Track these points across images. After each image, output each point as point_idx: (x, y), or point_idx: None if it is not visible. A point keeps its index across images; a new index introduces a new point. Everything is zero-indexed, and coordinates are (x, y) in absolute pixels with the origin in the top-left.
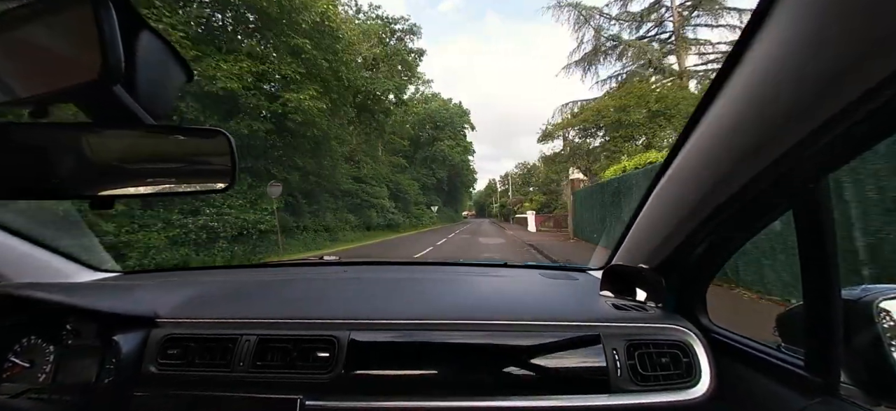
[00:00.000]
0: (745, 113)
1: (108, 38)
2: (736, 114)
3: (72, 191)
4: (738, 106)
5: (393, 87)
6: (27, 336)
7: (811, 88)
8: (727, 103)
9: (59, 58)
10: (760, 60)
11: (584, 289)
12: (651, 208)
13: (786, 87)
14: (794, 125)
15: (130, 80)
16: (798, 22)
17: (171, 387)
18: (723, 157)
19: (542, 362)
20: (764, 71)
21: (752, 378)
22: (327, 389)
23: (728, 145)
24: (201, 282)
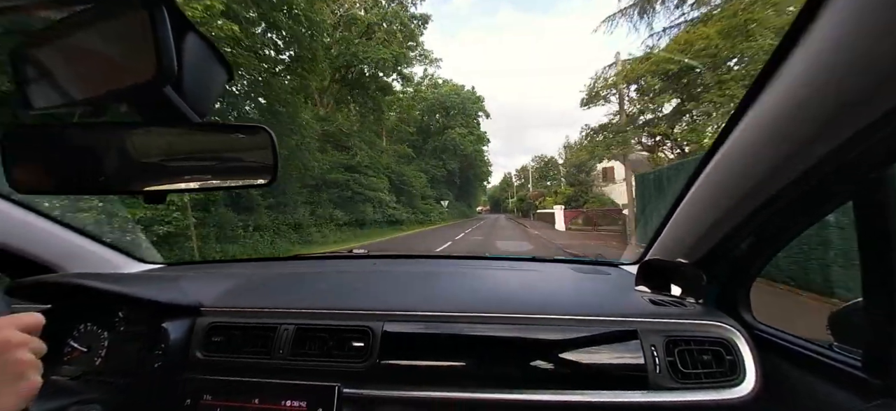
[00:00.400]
0: (802, 97)
1: (162, 41)
2: (792, 98)
3: (126, 187)
4: (794, 90)
5: (391, 58)
6: (84, 323)
7: (877, 71)
8: (783, 87)
9: (116, 61)
10: (819, 42)
11: (618, 284)
12: (693, 200)
13: (848, 70)
14: (858, 110)
15: (178, 80)
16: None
17: (216, 372)
18: (777, 145)
19: (575, 357)
20: (823, 53)
21: (802, 377)
22: (363, 378)
23: (783, 132)
24: (239, 273)
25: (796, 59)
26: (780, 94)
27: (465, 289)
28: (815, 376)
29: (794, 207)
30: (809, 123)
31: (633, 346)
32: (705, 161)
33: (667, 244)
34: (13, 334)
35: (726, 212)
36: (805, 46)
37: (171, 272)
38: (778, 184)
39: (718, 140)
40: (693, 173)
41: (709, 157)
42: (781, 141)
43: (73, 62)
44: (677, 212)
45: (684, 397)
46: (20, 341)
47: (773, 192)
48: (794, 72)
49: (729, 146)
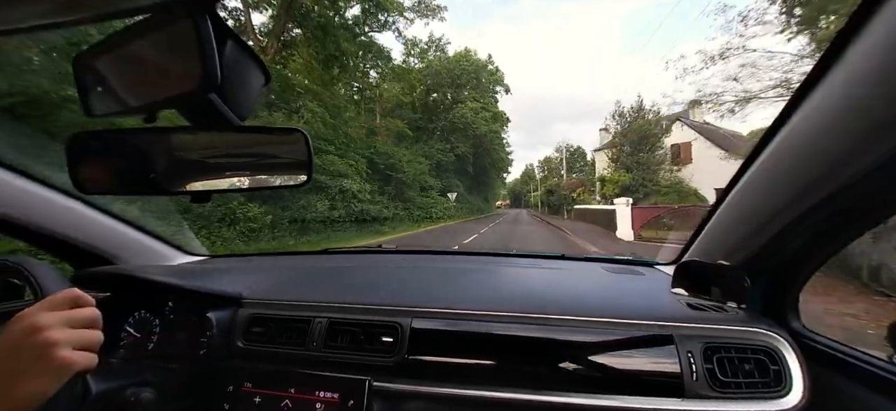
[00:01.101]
0: (866, 87)
1: (207, 51)
2: (855, 87)
3: (176, 187)
4: (858, 77)
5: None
6: (138, 310)
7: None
8: (845, 74)
9: (166, 69)
10: (887, 25)
11: (653, 285)
12: (738, 198)
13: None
14: None
15: (221, 85)
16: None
17: (255, 361)
18: (838, 138)
19: (606, 360)
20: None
21: (855, 392)
22: (392, 372)
23: (845, 124)
24: (276, 266)
25: (862, 44)
26: (842, 83)
27: (493, 286)
28: (871, 392)
29: (857, 206)
30: (874, 114)
31: (668, 352)
32: (753, 157)
33: (707, 245)
34: (40, 317)
35: (776, 210)
36: (871, 30)
37: (213, 264)
38: (838, 181)
39: (769, 133)
40: (739, 169)
41: (757, 152)
42: (843, 133)
43: (127, 71)
44: (720, 211)
45: (723, 407)
46: (47, 323)
47: (833, 190)
48: (858, 57)
49: (782, 140)
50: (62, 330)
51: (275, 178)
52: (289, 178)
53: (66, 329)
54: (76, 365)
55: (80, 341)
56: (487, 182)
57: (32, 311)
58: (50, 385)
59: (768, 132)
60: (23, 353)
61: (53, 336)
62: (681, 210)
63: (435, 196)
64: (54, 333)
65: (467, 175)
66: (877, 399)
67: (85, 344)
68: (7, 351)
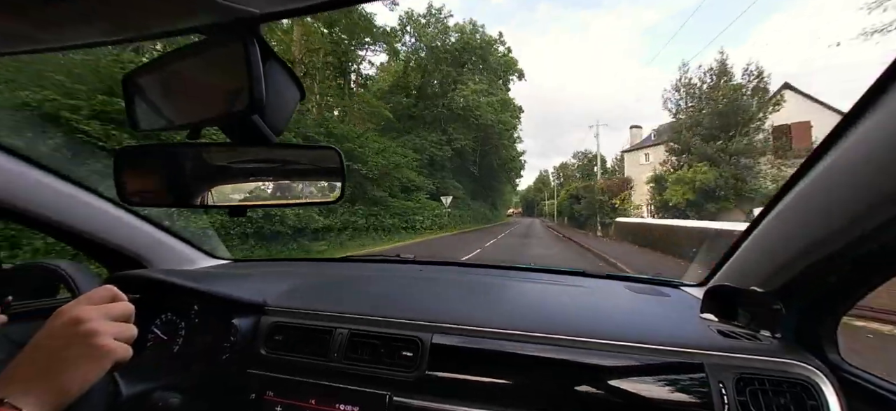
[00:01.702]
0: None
1: (254, 73)
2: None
3: (216, 200)
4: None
5: None
6: (165, 312)
7: None
8: (892, 111)
9: (214, 90)
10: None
11: (680, 308)
12: (776, 222)
13: None
14: None
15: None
16: None
17: (277, 370)
18: (884, 174)
19: (630, 387)
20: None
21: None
22: (411, 388)
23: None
24: (298, 273)
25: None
26: (891, 119)
27: (513, 303)
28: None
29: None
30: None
31: (697, 381)
32: (792, 182)
33: (738, 268)
34: (83, 310)
35: (819, 239)
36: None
37: (236, 269)
38: (884, 216)
39: (813, 158)
40: (778, 193)
41: (797, 178)
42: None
43: (176, 90)
44: (754, 234)
45: None
46: (88, 315)
47: (879, 225)
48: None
49: (830, 164)
50: (102, 322)
51: (308, 194)
52: (322, 194)
53: (106, 321)
54: (116, 353)
55: (118, 333)
56: (495, 186)
57: (73, 305)
58: (93, 372)
59: (812, 157)
60: (68, 343)
61: (95, 326)
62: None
63: (422, 199)
64: (96, 324)
65: (469, 176)
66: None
67: (122, 337)
68: (52, 343)
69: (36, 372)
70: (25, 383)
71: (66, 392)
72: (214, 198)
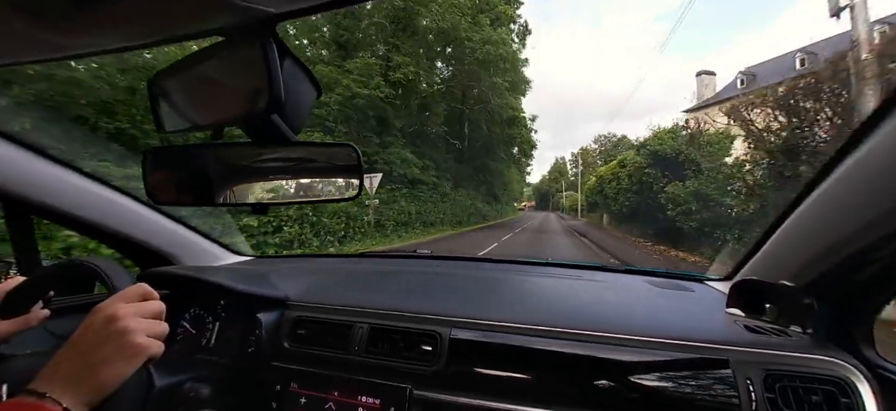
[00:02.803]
0: None
1: (273, 73)
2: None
3: (239, 199)
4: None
5: None
6: (193, 307)
7: None
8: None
9: (234, 90)
10: None
11: (705, 303)
12: (807, 214)
13: None
14: None
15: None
16: None
17: (301, 363)
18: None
19: (654, 383)
20: None
21: None
22: (431, 381)
23: None
24: (318, 269)
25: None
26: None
27: (532, 298)
28: None
29: None
30: None
31: (723, 377)
32: (826, 170)
33: (766, 262)
34: (117, 307)
35: (854, 230)
36: None
37: (260, 265)
38: None
39: (844, 148)
40: (807, 185)
41: (829, 169)
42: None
43: (198, 91)
44: (784, 226)
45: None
46: (123, 313)
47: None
48: None
49: (865, 154)
50: (136, 320)
51: (327, 191)
52: (340, 191)
53: (139, 318)
54: (149, 349)
55: (151, 330)
56: (493, 169)
57: (108, 304)
58: (127, 367)
59: (845, 146)
60: (104, 340)
61: (129, 324)
62: None
63: (383, 192)
64: (130, 322)
65: (450, 150)
66: None
67: (154, 334)
68: (89, 337)
69: (74, 369)
70: (65, 379)
71: (103, 386)
72: (237, 196)
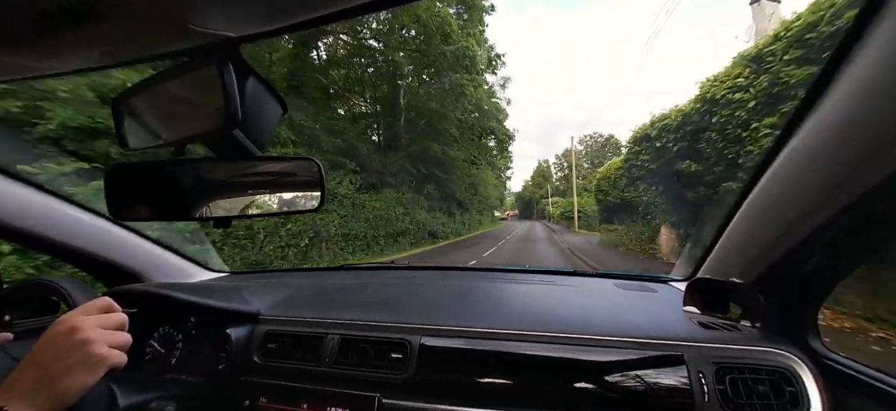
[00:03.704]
0: (874, 102)
1: (230, 93)
2: (862, 102)
3: (202, 214)
4: (864, 93)
5: None
6: (162, 326)
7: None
8: (849, 91)
9: (192, 108)
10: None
11: (665, 303)
12: (748, 212)
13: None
14: None
15: (244, 120)
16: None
17: (271, 376)
18: (848, 150)
19: (617, 380)
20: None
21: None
22: (401, 389)
23: (850, 142)
24: (291, 284)
25: (864, 60)
26: (847, 99)
27: (503, 304)
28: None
29: (870, 224)
30: (882, 132)
31: (679, 372)
32: (763, 167)
33: (719, 261)
34: (78, 320)
35: (787, 227)
36: (878, 33)
37: (233, 281)
38: (848, 197)
39: (778, 143)
40: (748, 181)
41: (768, 163)
42: (851, 150)
43: (160, 110)
44: (731, 226)
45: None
46: (84, 324)
47: (843, 206)
48: (864, 72)
49: (788, 156)
50: (97, 331)
51: (290, 204)
52: (303, 204)
53: (100, 329)
54: (110, 359)
55: (113, 341)
56: (449, 163)
57: (71, 315)
58: (89, 378)
59: (778, 139)
60: (63, 351)
61: (90, 335)
62: None
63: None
64: (91, 333)
65: (370, 130)
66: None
67: (116, 344)
68: (50, 349)
69: (34, 381)
70: (25, 392)
71: (64, 398)
72: (200, 211)
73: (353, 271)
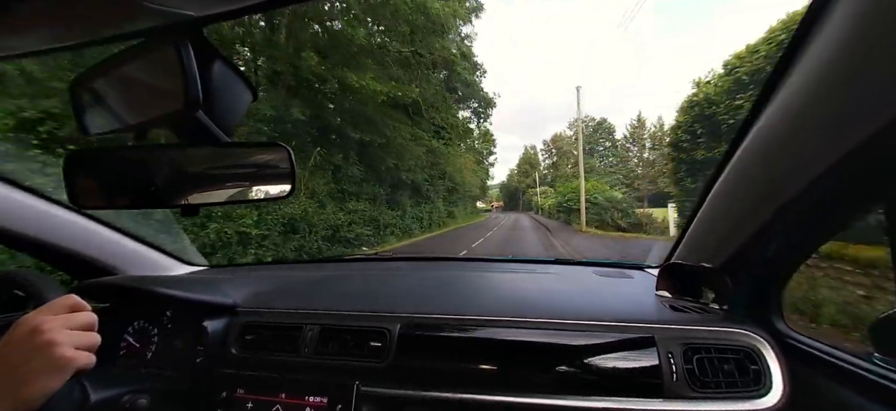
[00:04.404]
0: (828, 85)
1: (189, 74)
2: (816, 86)
3: (167, 201)
4: (819, 78)
5: None
6: (137, 320)
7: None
8: (804, 76)
9: (153, 91)
10: (846, 20)
11: (640, 288)
12: (715, 200)
13: (882, 53)
14: (882, 105)
15: (208, 104)
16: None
17: (249, 368)
18: (798, 141)
19: (592, 362)
20: (852, 34)
21: (837, 391)
22: (380, 376)
23: (805, 126)
24: (272, 276)
25: (821, 42)
26: (804, 82)
27: (482, 292)
28: (852, 390)
29: (821, 211)
30: (835, 116)
31: (650, 353)
32: (728, 155)
33: (691, 246)
34: (42, 319)
35: (749, 212)
36: (833, 25)
37: (212, 274)
38: (799, 185)
39: (740, 133)
40: (716, 167)
41: (732, 151)
42: (804, 136)
43: (120, 93)
44: (700, 212)
45: (703, 406)
46: (48, 325)
47: (795, 194)
48: (816, 56)
49: (752, 140)
50: (62, 332)
51: (260, 191)
52: (273, 191)
53: (66, 330)
54: (76, 362)
55: (80, 342)
56: (396, 138)
57: (34, 315)
58: (52, 382)
59: (742, 128)
60: (26, 353)
61: (55, 336)
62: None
63: None
64: (55, 334)
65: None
66: (857, 398)
67: (84, 345)
68: (11, 352)
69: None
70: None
71: (27, 402)
72: (166, 198)
73: (335, 263)
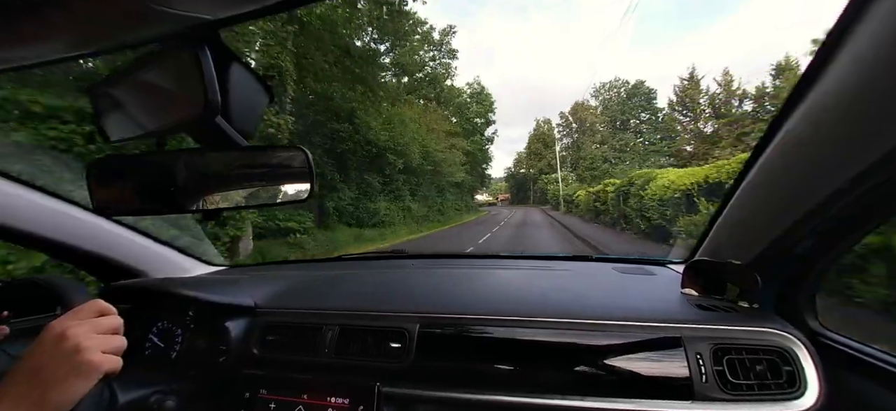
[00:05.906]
0: (869, 79)
1: (208, 80)
2: (860, 77)
3: (188, 205)
4: (859, 71)
5: None
6: (161, 320)
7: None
8: (848, 66)
9: (172, 96)
10: (888, 16)
11: (664, 285)
12: (745, 194)
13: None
14: None
15: (226, 108)
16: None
17: (270, 368)
18: (842, 132)
19: (615, 363)
20: (893, 29)
21: (878, 395)
22: (401, 377)
23: (849, 117)
24: (289, 275)
25: (863, 32)
26: (847, 72)
27: (501, 290)
28: (893, 393)
29: (863, 204)
30: (880, 106)
31: (677, 354)
32: (760, 149)
33: (717, 243)
34: (68, 326)
35: (785, 206)
36: (872, 16)
37: (232, 275)
38: (842, 178)
39: (774, 126)
40: (746, 164)
41: (764, 145)
42: (847, 127)
43: (138, 99)
44: (729, 207)
45: (734, 410)
46: (75, 331)
47: (838, 188)
48: (857, 51)
49: (787, 132)
50: (89, 337)
51: (279, 194)
52: (292, 194)
53: (93, 335)
54: (103, 367)
55: (106, 346)
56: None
57: (61, 321)
58: (81, 387)
59: (775, 121)
60: (55, 359)
61: (82, 342)
62: None
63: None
64: (83, 340)
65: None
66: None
67: (110, 349)
68: (40, 359)
69: (24, 390)
70: (14, 402)
71: (56, 406)
72: (187, 203)
73: (349, 261)
